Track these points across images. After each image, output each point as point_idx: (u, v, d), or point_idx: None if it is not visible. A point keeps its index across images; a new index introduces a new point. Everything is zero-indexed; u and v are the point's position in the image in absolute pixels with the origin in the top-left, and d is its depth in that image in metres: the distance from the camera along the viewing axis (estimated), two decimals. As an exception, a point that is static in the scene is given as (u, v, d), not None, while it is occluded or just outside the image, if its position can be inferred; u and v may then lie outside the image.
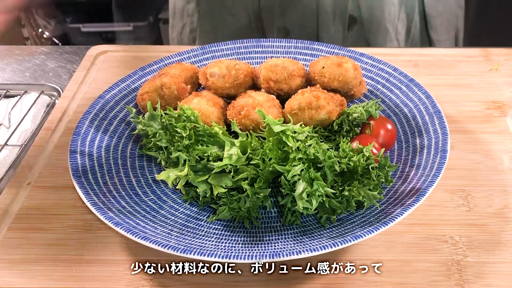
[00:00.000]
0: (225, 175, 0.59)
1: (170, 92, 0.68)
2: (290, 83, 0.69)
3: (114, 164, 0.66)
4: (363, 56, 0.81)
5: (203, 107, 0.66)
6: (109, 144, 0.68)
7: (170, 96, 0.69)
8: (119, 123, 0.71)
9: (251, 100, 0.66)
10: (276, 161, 0.57)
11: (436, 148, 0.63)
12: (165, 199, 0.63)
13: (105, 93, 0.73)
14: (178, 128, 0.60)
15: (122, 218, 0.55)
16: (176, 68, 0.73)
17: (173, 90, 0.68)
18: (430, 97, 0.71)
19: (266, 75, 0.69)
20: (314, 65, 0.71)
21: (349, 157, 0.57)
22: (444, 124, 0.66)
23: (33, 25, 2.36)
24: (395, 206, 0.56)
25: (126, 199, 0.61)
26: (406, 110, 0.72)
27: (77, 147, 0.65)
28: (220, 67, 0.71)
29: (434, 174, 0.59)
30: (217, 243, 0.55)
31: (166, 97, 0.69)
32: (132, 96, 0.75)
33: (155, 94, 0.69)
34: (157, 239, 0.52)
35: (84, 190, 0.58)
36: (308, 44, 0.84)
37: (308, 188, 0.54)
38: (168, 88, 0.68)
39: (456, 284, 0.55)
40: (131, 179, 0.65)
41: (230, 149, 0.58)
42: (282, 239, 0.57)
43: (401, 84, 0.76)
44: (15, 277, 0.57)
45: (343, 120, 0.67)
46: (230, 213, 0.59)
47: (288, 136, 0.57)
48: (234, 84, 0.70)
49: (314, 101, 0.64)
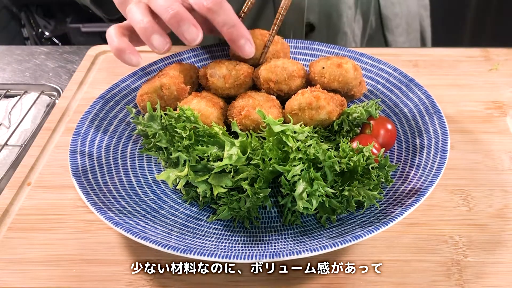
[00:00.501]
0: (225, 175, 0.59)
1: (170, 92, 0.68)
2: (290, 83, 0.69)
3: (114, 164, 0.66)
4: (363, 56, 0.81)
5: (203, 108, 0.66)
6: (109, 144, 0.68)
7: (169, 97, 0.68)
8: (119, 123, 0.71)
9: (251, 101, 0.66)
10: (276, 161, 0.57)
11: (436, 148, 0.63)
12: (165, 199, 0.63)
13: (105, 93, 0.73)
14: (178, 128, 0.60)
15: (122, 218, 0.55)
16: (176, 68, 0.73)
17: (173, 90, 0.68)
18: (430, 97, 0.71)
19: (266, 76, 0.69)
20: (314, 65, 0.71)
21: (349, 157, 0.57)
22: (444, 124, 0.66)
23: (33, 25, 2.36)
24: (395, 206, 0.56)
25: (126, 199, 0.61)
26: (406, 110, 0.72)
27: (77, 147, 0.65)
28: (221, 67, 0.71)
29: (434, 174, 0.59)
30: (217, 243, 0.55)
31: (165, 97, 0.68)
32: (132, 96, 0.75)
33: (155, 94, 0.68)
34: (157, 239, 0.52)
35: (84, 190, 0.58)
36: (308, 44, 0.84)
37: (308, 188, 0.54)
38: (167, 89, 0.68)
39: (456, 284, 0.55)
40: (131, 179, 0.65)
41: (230, 149, 0.58)
42: (282, 239, 0.57)
43: (401, 84, 0.76)
44: (15, 277, 0.57)
45: (343, 120, 0.67)
46: (230, 213, 0.59)
47: (288, 136, 0.57)
48: (234, 85, 0.70)
49: (314, 101, 0.64)
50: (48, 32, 2.39)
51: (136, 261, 0.58)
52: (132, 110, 0.67)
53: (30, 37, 2.37)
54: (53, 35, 2.40)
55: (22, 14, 2.31)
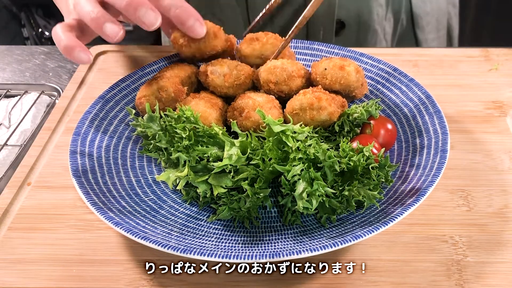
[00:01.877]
0: (225, 175, 0.59)
1: (167, 94, 0.68)
2: (290, 84, 0.69)
3: (114, 164, 0.66)
4: (363, 56, 0.81)
5: (201, 109, 0.66)
6: (109, 144, 0.68)
7: (167, 99, 0.68)
8: (119, 123, 0.71)
9: (251, 102, 0.66)
10: (276, 161, 0.57)
11: (436, 148, 0.63)
12: (165, 199, 0.63)
13: (105, 93, 0.73)
14: (178, 129, 0.60)
15: (122, 218, 0.55)
16: (173, 69, 0.73)
17: (170, 92, 0.68)
18: (430, 97, 0.71)
19: (266, 77, 0.69)
20: (316, 66, 0.71)
21: (349, 156, 0.57)
22: (444, 124, 0.66)
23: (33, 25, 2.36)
24: (395, 206, 0.56)
25: (126, 199, 0.61)
26: (406, 110, 0.72)
27: (77, 147, 0.65)
28: (222, 65, 0.71)
29: (434, 174, 0.59)
30: (217, 243, 0.55)
31: (163, 100, 0.68)
32: (132, 96, 0.75)
33: (153, 97, 0.68)
34: (157, 239, 0.52)
35: (84, 190, 0.58)
36: (308, 44, 0.84)
37: (308, 188, 0.54)
38: (165, 91, 0.68)
39: (456, 284, 0.55)
40: (131, 179, 0.65)
41: (230, 149, 0.58)
42: (282, 239, 0.57)
43: (401, 84, 0.76)
44: (15, 277, 0.57)
45: (343, 121, 0.67)
46: (230, 213, 0.59)
47: (288, 136, 0.57)
48: (234, 84, 0.70)
49: (316, 102, 0.64)
50: (48, 32, 2.39)
51: (136, 261, 0.58)
52: (132, 111, 0.67)
53: (30, 37, 2.37)
54: (53, 35, 2.40)
55: (22, 14, 2.31)
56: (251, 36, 0.75)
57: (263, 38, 0.74)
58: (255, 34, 0.76)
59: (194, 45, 0.72)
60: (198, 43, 0.72)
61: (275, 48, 0.74)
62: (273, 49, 0.74)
